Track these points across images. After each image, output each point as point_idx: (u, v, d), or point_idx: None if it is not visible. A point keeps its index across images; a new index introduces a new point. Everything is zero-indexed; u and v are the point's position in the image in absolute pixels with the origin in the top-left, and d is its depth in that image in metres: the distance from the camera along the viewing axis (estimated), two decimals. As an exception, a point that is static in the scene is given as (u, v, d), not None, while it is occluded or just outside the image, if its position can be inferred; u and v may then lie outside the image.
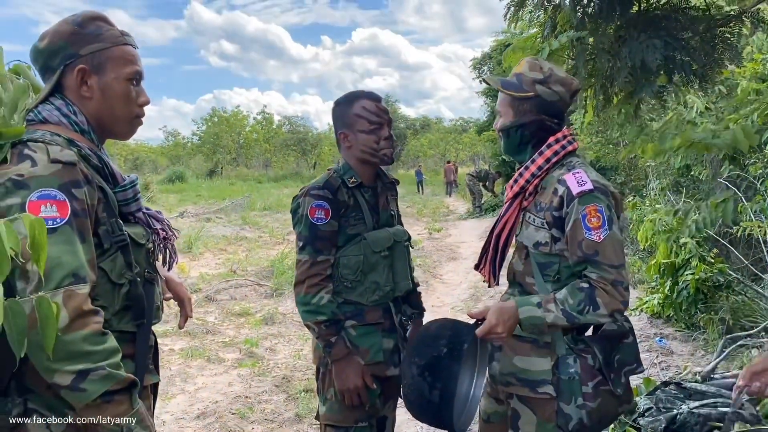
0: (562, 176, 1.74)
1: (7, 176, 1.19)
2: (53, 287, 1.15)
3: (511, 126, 1.82)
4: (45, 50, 1.37)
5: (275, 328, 5.69)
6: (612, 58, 2.98)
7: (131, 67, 1.41)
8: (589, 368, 1.74)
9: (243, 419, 3.69)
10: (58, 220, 1.19)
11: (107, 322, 1.28)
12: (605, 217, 1.67)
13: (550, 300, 1.68)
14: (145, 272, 1.41)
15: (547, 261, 1.77)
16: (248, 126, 44.63)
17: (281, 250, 9.34)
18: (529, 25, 3.49)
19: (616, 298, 1.66)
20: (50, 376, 1.16)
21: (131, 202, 1.40)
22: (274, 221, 13.89)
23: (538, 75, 1.78)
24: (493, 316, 1.66)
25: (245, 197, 18.53)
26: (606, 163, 11.30)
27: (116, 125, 1.43)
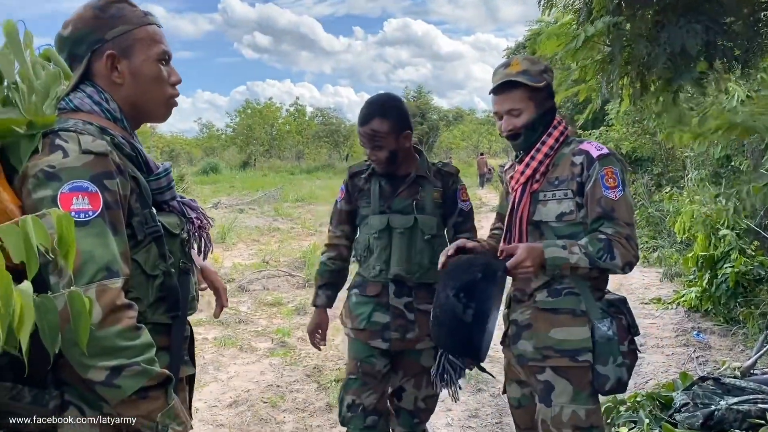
0: (578, 147, 1.91)
1: (39, 167, 1.17)
2: (86, 282, 1.12)
3: (536, 119, 1.92)
4: (70, 38, 1.33)
5: (307, 319, 5.70)
6: (650, 44, 2.89)
7: (159, 47, 1.36)
8: (624, 328, 1.91)
9: (274, 408, 3.73)
10: (90, 212, 1.16)
11: (141, 315, 1.25)
12: (620, 179, 1.85)
13: (574, 244, 1.82)
14: (179, 263, 1.37)
15: (572, 232, 1.89)
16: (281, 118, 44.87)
17: (313, 241, 9.39)
18: (564, 12, 3.40)
19: (630, 251, 1.82)
20: (85, 372, 1.14)
21: (165, 190, 1.37)
22: (306, 213, 13.98)
23: (540, 66, 1.94)
24: (524, 252, 1.79)
25: (278, 189, 18.67)
26: (642, 154, 11.05)
27: (152, 108, 1.40)
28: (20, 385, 1.17)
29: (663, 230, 8.70)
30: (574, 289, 1.90)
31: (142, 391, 1.16)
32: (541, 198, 1.94)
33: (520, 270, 1.80)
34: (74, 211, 1.14)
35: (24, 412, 1.18)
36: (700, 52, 2.74)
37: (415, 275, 2.29)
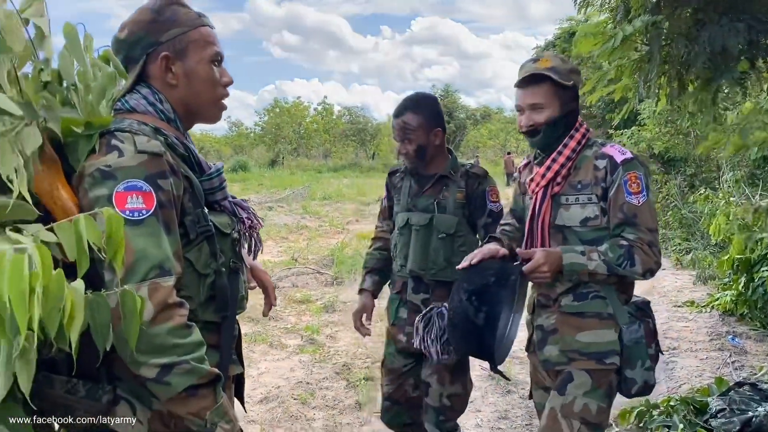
0: (600, 151, 1.88)
1: (95, 167, 1.19)
2: (138, 280, 1.13)
3: (559, 117, 1.90)
4: (126, 41, 1.36)
5: (335, 316, 5.77)
6: (689, 43, 2.84)
7: (212, 48, 1.38)
8: (651, 332, 1.92)
9: (304, 405, 3.76)
10: (144, 211, 1.17)
11: (192, 313, 1.25)
12: (644, 184, 1.82)
13: (593, 250, 1.81)
14: (230, 262, 1.38)
15: (597, 236, 1.86)
16: (309, 116, 45.12)
17: (341, 239, 9.44)
18: (600, 10, 3.36)
19: (651, 258, 1.80)
20: (136, 369, 1.15)
21: (217, 190, 1.38)
22: (333, 211, 14.04)
23: (569, 66, 1.92)
24: (541, 256, 1.78)
25: (305, 187, 18.80)
26: (675, 154, 10.86)
27: (204, 109, 1.42)
28: (75, 379, 1.19)
29: (696, 232, 8.54)
30: (599, 293, 1.89)
31: (192, 388, 1.17)
32: (563, 202, 1.91)
33: (536, 275, 1.80)
34: (128, 210, 1.16)
35: (78, 406, 1.20)
36: (741, 51, 2.69)
37: (430, 272, 2.35)
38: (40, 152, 1.15)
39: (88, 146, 1.21)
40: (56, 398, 1.19)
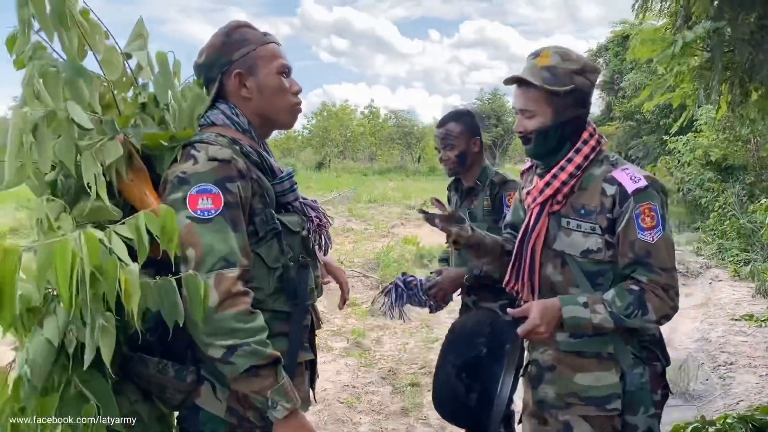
0: (610, 174, 1.64)
1: (175, 173, 1.36)
2: (206, 271, 1.28)
3: (551, 126, 1.64)
4: (204, 64, 1.52)
5: (381, 320, 5.77)
6: (753, 50, 2.75)
7: (279, 61, 1.52)
8: (657, 376, 1.70)
9: (350, 409, 3.78)
10: (213, 211, 1.32)
11: (262, 302, 1.41)
12: (659, 216, 1.59)
13: (597, 300, 1.58)
14: (299, 257, 1.50)
15: (599, 269, 1.66)
16: (355, 120, 45.43)
17: (387, 243, 9.46)
18: (659, 15, 3.28)
19: (666, 303, 1.58)
20: (206, 350, 1.30)
21: (288, 192, 1.51)
22: (379, 214, 14.08)
23: (574, 65, 1.63)
24: (537, 315, 1.56)
25: (351, 190, 18.91)
26: (734, 162, 10.49)
27: (278, 116, 1.55)
28: (165, 360, 1.36)
29: (756, 243, 8.22)
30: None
31: (254, 369, 1.29)
32: (563, 224, 1.69)
33: (533, 335, 1.58)
34: (199, 210, 1.32)
35: (168, 384, 1.37)
36: (810, 58, 2.59)
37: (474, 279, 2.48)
38: (129, 163, 1.36)
39: (171, 156, 1.41)
40: (150, 377, 1.37)
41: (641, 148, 15.59)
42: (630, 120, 16.49)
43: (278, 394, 1.31)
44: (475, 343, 1.59)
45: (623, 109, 16.39)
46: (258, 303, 1.38)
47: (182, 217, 1.31)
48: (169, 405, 1.43)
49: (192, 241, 1.30)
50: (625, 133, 16.68)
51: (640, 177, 1.61)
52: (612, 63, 18.56)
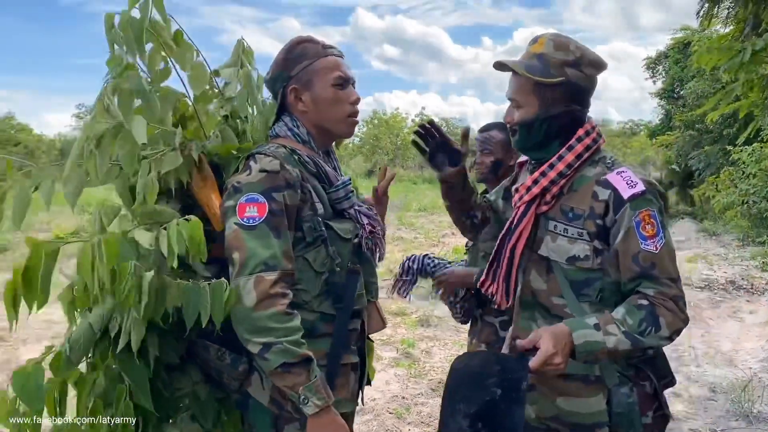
0: (604, 177, 1.49)
1: (232, 183, 1.48)
2: (247, 273, 1.39)
3: (535, 119, 1.51)
4: (270, 80, 1.62)
5: (431, 331, 5.74)
6: (829, 58, 2.61)
7: (334, 74, 1.57)
8: (647, 396, 1.53)
9: (400, 419, 3.76)
10: (257, 218, 1.42)
11: (308, 303, 1.51)
12: (659, 224, 1.45)
13: (609, 321, 1.40)
14: (347, 263, 1.56)
15: (586, 278, 1.50)
16: (406, 128, 45.52)
17: (437, 252, 9.41)
18: (725, 23, 3.16)
19: (678, 316, 1.42)
20: (246, 345, 1.40)
21: (343, 200, 1.57)
22: (429, 222, 14.04)
23: (568, 56, 1.49)
24: (550, 344, 1.36)
25: (401, 198, 18.93)
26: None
27: (333, 127, 1.61)
28: (224, 348, 1.49)
29: None
30: None
31: (287, 365, 1.38)
32: (550, 228, 1.55)
33: (547, 368, 1.37)
34: (246, 218, 1.42)
35: (224, 370, 1.51)
36: None
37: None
38: (199, 171, 1.51)
39: (235, 165, 1.54)
40: (209, 361, 1.52)
41: (702, 158, 15.05)
42: (691, 129, 15.96)
43: (309, 390, 1.39)
44: (485, 386, 1.37)
45: (683, 118, 15.88)
46: (305, 304, 1.50)
47: (231, 223, 1.44)
48: (228, 389, 1.55)
49: (237, 246, 1.41)
50: (686, 143, 16.15)
51: (637, 181, 1.46)
52: (672, 70, 18.03)
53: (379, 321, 1.77)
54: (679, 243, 11.15)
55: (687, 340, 5.20)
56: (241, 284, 1.38)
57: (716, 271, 8.20)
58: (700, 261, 9.04)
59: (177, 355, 1.53)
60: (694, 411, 3.90)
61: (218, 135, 1.60)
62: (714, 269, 8.37)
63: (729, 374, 4.51)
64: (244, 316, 1.38)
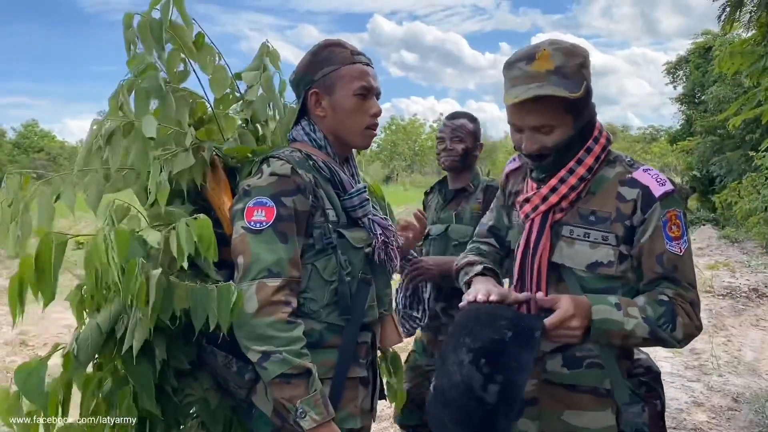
0: (629, 175, 1.40)
1: (242, 186, 1.45)
2: (250, 278, 1.35)
3: (573, 136, 1.40)
4: (294, 81, 1.59)
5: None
6: None
7: (358, 83, 1.52)
8: (657, 416, 1.45)
9: (416, 426, 3.73)
10: (264, 223, 1.38)
11: (316, 313, 1.45)
12: (684, 226, 1.39)
13: (632, 303, 1.34)
14: (359, 273, 1.51)
15: (606, 287, 1.40)
16: (424, 134, 45.57)
17: (454, 258, 9.37)
18: (747, 27, 3.11)
19: (693, 321, 1.37)
20: (246, 352, 1.36)
21: (357, 208, 1.52)
22: (447, 229, 13.99)
23: (578, 59, 1.36)
24: (570, 306, 1.29)
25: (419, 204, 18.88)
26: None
27: (349, 136, 1.56)
28: (231, 356, 1.43)
29: None
30: (597, 359, 1.44)
31: (285, 376, 1.33)
32: (565, 233, 1.44)
33: (562, 331, 1.30)
34: (253, 221, 1.39)
35: (230, 378, 1.45)
36: None
37: (446, 281, 2.27)
38: (213, 174, 1.49)
39: (249, 168, 1.50)
40: (217, 368, 1.46)
41: (724, 164, 14.85)
42: (712, 135, 15.76)
43: (308, 404, 1.33)
44: (496, 326, 1.26)
45: (705, 124, 15.70)
46: (312, 313, 1.45)
47: (238, 226, 1.40)
48: (236, 397, 1.49)
49: (242, 250, 1.38)
50: (707, 149, 15.95)
51: (666, 179, 1.39)
52: (693, 75, 17.84)
53: (395, 334, 1.69)
54: (701, 250, 11.00)
55: (709, 348, 5.12)
56: (244, 290, 1.33)
57: (738, 279, 8.07)
58: (722, 268, 8.91)
59: (187, 360, 1.49)
60: (717, 421, 3.83)
61: (237, 138, 1.59)
62: (736, 276, 8.24)
63: (752, 384, 4.43)
64: (244, 322, 1.33)
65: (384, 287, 1.61)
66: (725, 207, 13.43)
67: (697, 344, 5.30)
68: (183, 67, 1.50)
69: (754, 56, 2.69)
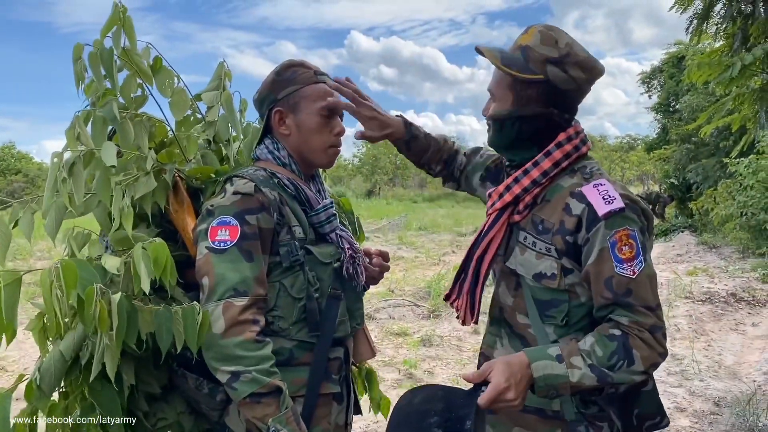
0: (578, 188, 1.34)
1: (206, 206, 1.44)
2: (216, 299, 1.34)
3: (507, 116, 1.39)
4: (257, 100, 1.60)
5: (433, 351, 5.71)
6: (818, 71, 2.64)
7: (321, 102, 1.54)
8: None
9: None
10: (228, 242, 1.38)
11: (286, 331, 1.45)
12: (638, 245, 1.28)
13: (573, 351, 1.26)
14: (329, 288, 1.51)
15: (552, 299, 1.37)
16: (405, 147, 45.69)
17: (438, 271, 9.39)
18: (715, 38, 3.20)
19: (654, 349, 1.27)
20: (214, 373, 1.34)
21: (324, 224, 1.53)
22: (429, 242, 14.03)
23: (552, 52, 1.33)
24: (502, 377, 1.21)
25: (401, 217, 18.95)
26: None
27: (312, 155, 1.57)
28: (202, 378, 1.42)
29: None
30: None
31: (256, 396, 1.32)
32: (520, 239, 1.41)
33: (500, 405, 1.23)
34: (217, 241, 1.38)
35: (201, 400, 1.44)
36: None
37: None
38: (175, 196, 1.49)
39: (213, 189, 1.51)
40: (188, 391, 1.46)
41: (700, 171, 15.10)
42: (687, 143, 16.03)
43: (280, 422, 1.33)
44: (425, 426, 1.21)
45: (680, 132, 15.96)
46: (281, 331, 1.44)
47: (202, 247, 1.39)
48: (210, 420, 1.49)
49: (207, 270, 1.37)
50: (683, 157, 16.21)
51: (616, 196, 1.29)
52: (667, 85, 18.17)
53: (368, 349, 1.70)
54: (680, 256, 11.14)
55: (690, 354, 5.18)
56: (210, 310, 1.32)
57: (717, 284, 8.17)
58: (701, 274, 9.03)
59: (158, 384, 1.48)
60: (699, 426, 3.86)
61: (199, 159, 1.59)
62: (715, 282, 8.35)
63: (733, 387, 4.48)
64: (212, 343, 1.31)
65: (355, 301, 1.61)
66: (702, 213, 13.64)
67: (678, 350, 5.35)
68: (141, 92, 1.51)
69: (721, 67, 2.76)
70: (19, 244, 10.15)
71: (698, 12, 3.02)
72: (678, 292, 7.55)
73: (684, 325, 6.20)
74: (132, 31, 1.42)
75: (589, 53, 1.39)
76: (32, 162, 40.97)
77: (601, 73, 1.41)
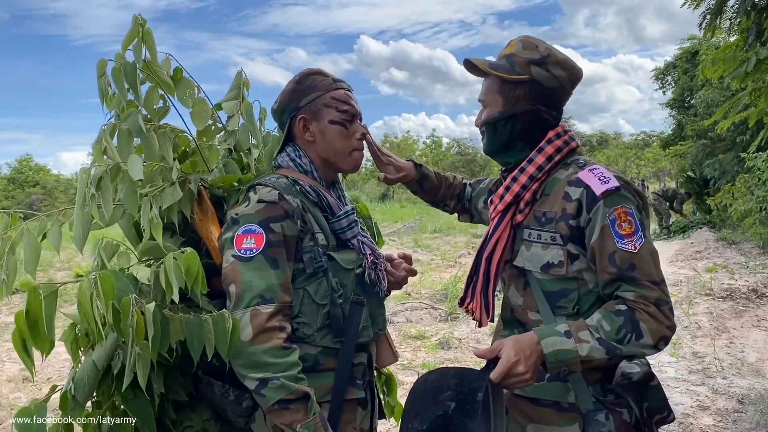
0: (575, 175, 1.41)
1: (230, 215, 1.46)
2: (243, 307, 1.36)
3: (500, 117, 1.50)
4: (277, 110, 1.63)
5: (451, 353, 5.70)
6: (835, 63, 2.61)
7: (343, 107, 1.59)
8: (625, 426, 1.39)
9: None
10: (254, 250, 1.40)
11: (311, 337, 1.47)
12: (637, 222, 1.34)
13: (581, 327, 1.32)
14: (351, 294, 1.52)
15: (562, 288, 1.42)
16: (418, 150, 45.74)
17: (454, 273, 9.37)
18: (729, 32, 3.17)
19: (662, 322, 1.30)
20: (243, 381, 1.36)
21: (346, 230, 1.56)
22: (445, 244, 14.00)
23: (534, 54, 1.48)
24: (511, 351, 1.27)
25: (416, 220, 18.93)
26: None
27: (338, 159, 1.61)
28: (228, 385, 1.45)
29: None
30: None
31: (284, 402, 1.33)
32: (525, 237, 1.48)
33: (512, 381, 1.28)
34: (243, 249, 1.40)
35: (227, 407, 1.46)
36: None
37: None
38: (199, 205, 1.52)
39: (236, 197, 1.53)
40: (214, 398, 1.48)
41: (717, 167, 14.93)
42: (703, 138, 15.86)
43: (307, 428, 1.34)
44: (440, 400, 1.28)
45: (695, 127, 15.80)
46: (306, 337, 1.46)
47: (228, 255, 1.42)
48: (236, 426, 1.50)
49: (234, 278, 1.39)
50: (699, 152, 16.04)
51: (611, 177, 1.37)
52: (681, 80, 17.99)
53: (390, 354, 1.72)
54: (698, 253, 11.01)
55: (712, 351, 5.13)
56: (237, 318, 1.33)
57: (738, 280, 8.08)
58: (720, 270, 8.92)
59: (185, 391, 1.50)
60: (723, 424, 3.82)
61: (221, 168, 1.62)
62: (735, 278, 8.25)
63: (757, 385, 4.43)
64: (240, 351, 1.33)
65: (377, 307, 1.63)
66: (720, 209, 13.48)
67: (699, 347, 5.30)
68: (162, 103, 1.53)
69: (736, 61, 2.74)
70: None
71: (711, 7, 2.99)
72: (698, 289, 7.47)
73: (705, 322, 6.14)
74: (152, 44, 1.44)
75: (567, 56, 1.51)
76: (50, 174, 41.54)
77: (580, 73, 1.52)
